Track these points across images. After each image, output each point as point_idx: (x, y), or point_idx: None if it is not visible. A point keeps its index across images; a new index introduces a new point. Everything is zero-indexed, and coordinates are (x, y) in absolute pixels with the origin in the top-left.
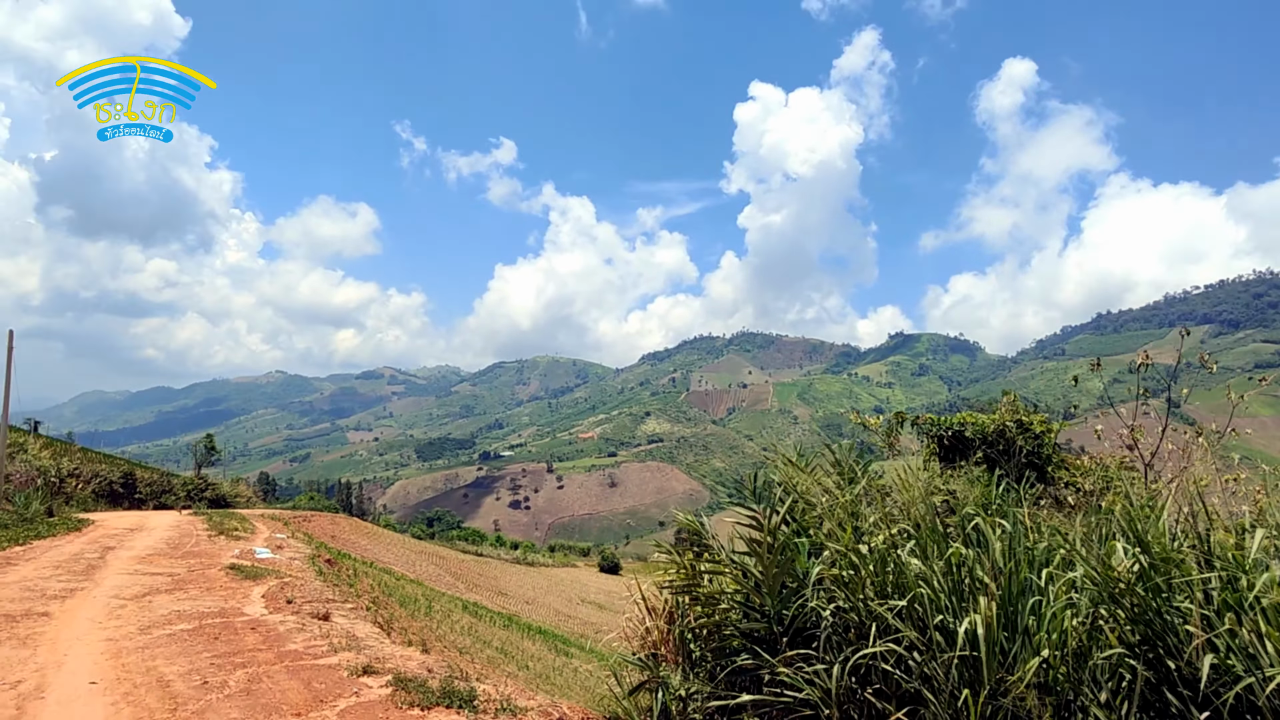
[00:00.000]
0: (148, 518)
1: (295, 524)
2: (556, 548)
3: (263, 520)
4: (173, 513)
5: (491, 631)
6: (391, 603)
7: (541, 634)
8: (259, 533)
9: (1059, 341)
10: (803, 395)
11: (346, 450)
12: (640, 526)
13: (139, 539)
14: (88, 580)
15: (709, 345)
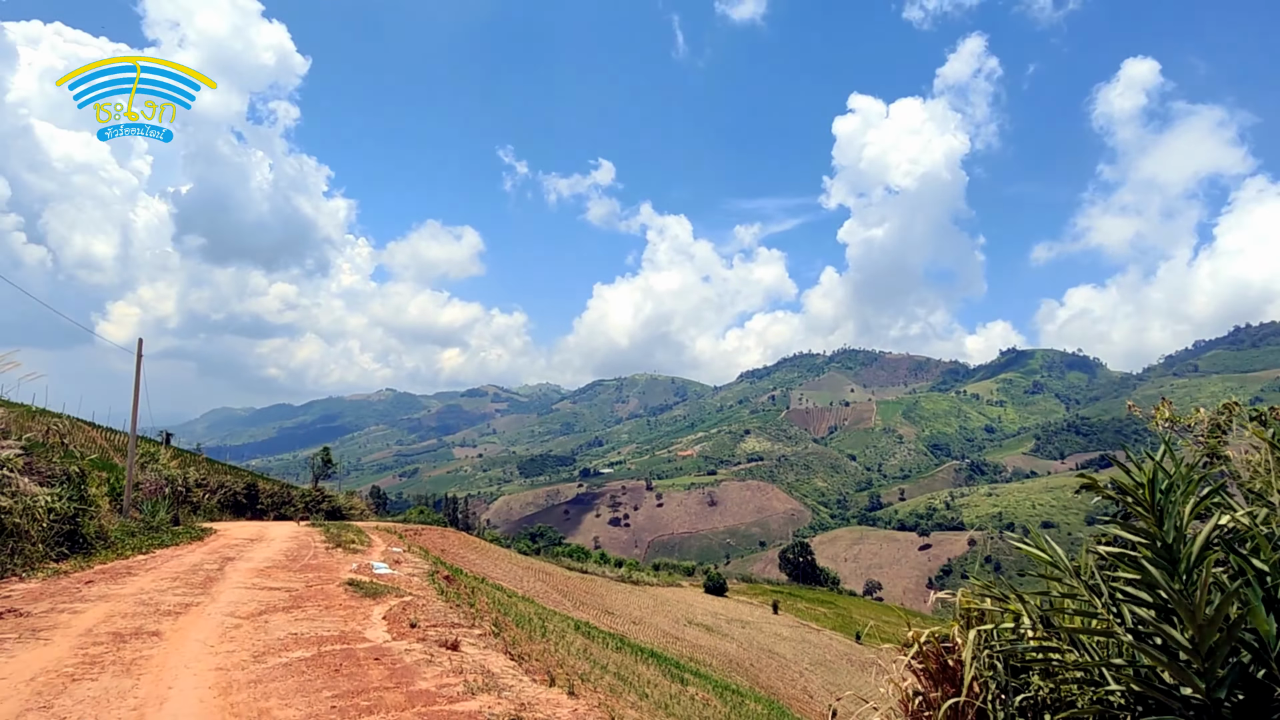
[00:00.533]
0: (267, 528)
1: (408, 538)
2: (661, 566)
3: (378, 533)
4: (291, 524)
5: (605, 654)
6: (508, 622)
7: (655, 658)
8: (375, 546)
9: (1190, 357)
10: (908, 414)
11: (452, 466)
12: (740, 546)
13: (258, 550)
14: (204, 594)
15: (809, 363)
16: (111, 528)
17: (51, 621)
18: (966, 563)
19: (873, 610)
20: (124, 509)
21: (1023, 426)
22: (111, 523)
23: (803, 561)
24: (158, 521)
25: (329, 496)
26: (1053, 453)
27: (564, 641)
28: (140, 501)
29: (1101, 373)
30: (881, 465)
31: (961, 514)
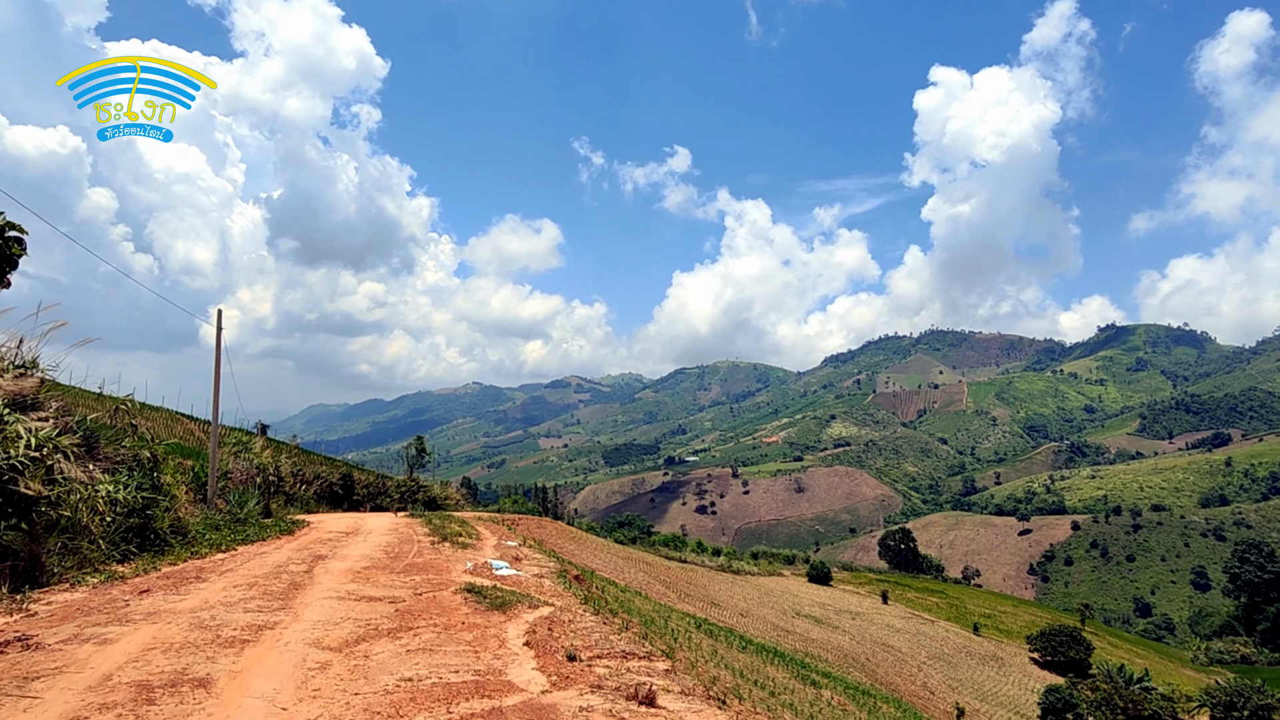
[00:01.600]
0: (364, 520)
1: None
2: (760, 554)
3: (482, 524)
4: (388, 515)
5: (733, 655)
6: (666, 638)
7: (779, 657)
8: (484, 539)
9: None
10: (1001, 395)
11: (539, 456)
12: (830, 533)
13: (354, 545)
14: (284, 609)
15: (895, 345)
16: (192, 521)
17: (62, 661)
18: (1070, 548)
19: (986, 600)
20: (208, 499)
21: (1126, 406)
22: (193, 515)
23: (905, 549)
24: (245, 513)
25: (424, 487)
26: (1160, 432)
27: (690, 642)
28: (228, 491)
29: (1211, 347)
30: (974, 448)
31: (1063, 497)
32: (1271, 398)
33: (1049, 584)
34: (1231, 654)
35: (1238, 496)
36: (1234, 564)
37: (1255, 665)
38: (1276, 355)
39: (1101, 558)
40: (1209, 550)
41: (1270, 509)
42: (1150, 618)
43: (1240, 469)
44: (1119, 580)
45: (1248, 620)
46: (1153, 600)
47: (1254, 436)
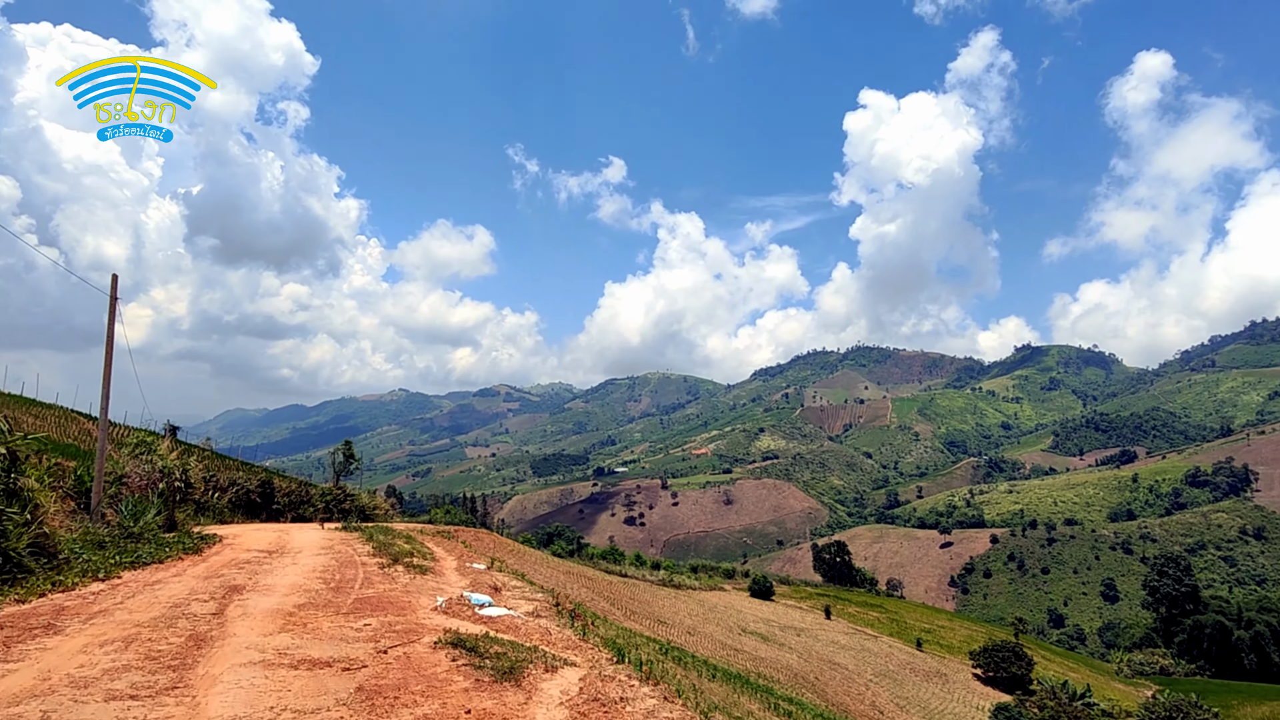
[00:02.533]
0: (289, 534)
1: (447, 537)
2: (699, 568)
3: (430, 539)
4: (314, 527)
5: (706, 685)
6: None
7: (748, 686)
8: (441, 560)
9: (1207, 352)
10: (924, 411)
11: (465, 465)
12: (757, 545)
13: (281, 570)
14: (175, 692)
15: (822, 360)
16: (66, 538)
17: None
18: (989, 561)
19: (924, 614)
20: (93, 509)
21: (1040, 423)
22: (68, 530)
23: (840, 562)
24: (141, 526)
25: (351, 495)
26: (1072, 449)
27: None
28: (121, 500)
29: (1118, 369)
30: (898, 463)
31: (983, 511)
32: (1172, 417)
33: (968, 596)
34: (1151, 665)
35: (1144, 511)
36: (1153, 577)
37: (1173, 676)
38: (1176, 378)
39: (1018, 570)
40: (1117, 563)
41: (1173, 523)
42: (1063, 628)
43: (1145, 485)
44: (1034, 592)
45: (1165, 632)
46: (1065, 611)
47: (1158, 454)
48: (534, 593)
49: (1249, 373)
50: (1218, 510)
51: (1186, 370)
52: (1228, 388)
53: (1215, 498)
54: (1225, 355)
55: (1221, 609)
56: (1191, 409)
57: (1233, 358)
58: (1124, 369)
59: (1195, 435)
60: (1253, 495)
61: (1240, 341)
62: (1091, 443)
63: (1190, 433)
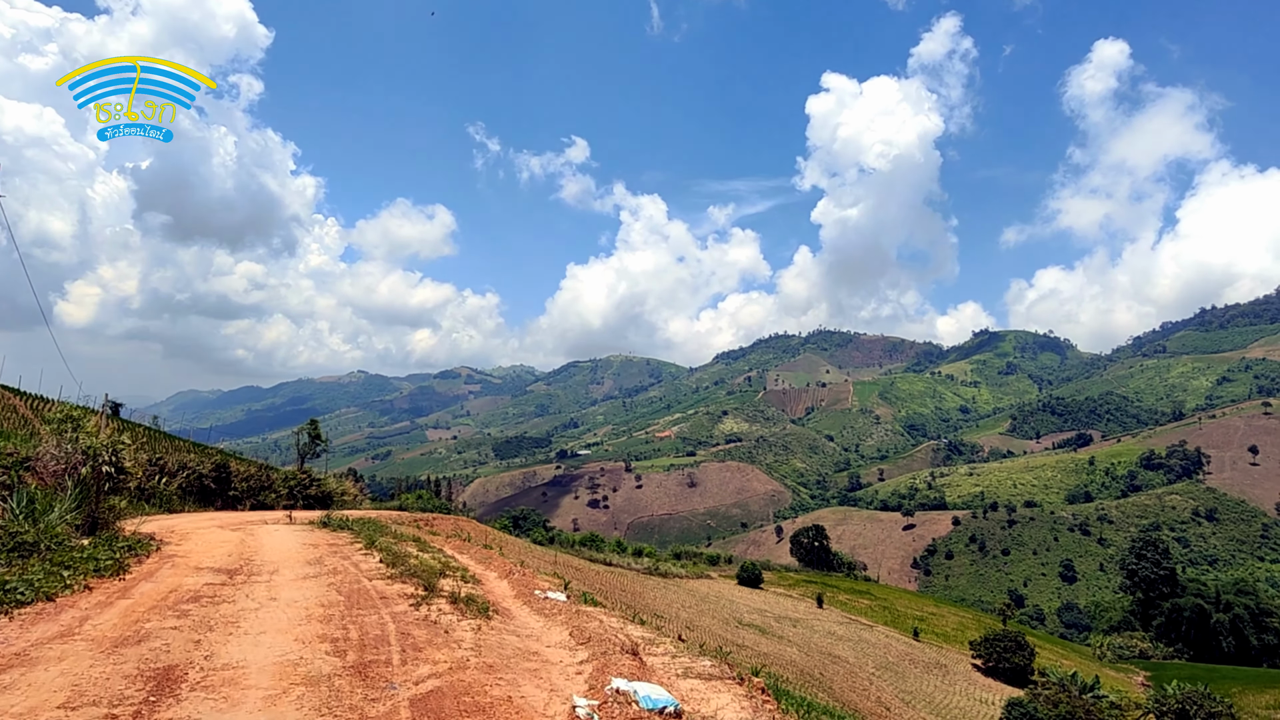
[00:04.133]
0: (254, 534)
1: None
2: (683, 554)
3: (444, 540)
4: (281, 519)
5: None
6: None
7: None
8: (487, 582)
9: (1159, 338)
10: (884, 394)
11: (426, 448)
12: (721, 528)
13: (252, 620)
14: None
15: (784, 344)
16: None
17: None
18: (951, 543)
19: (913, 601)
20: None
21: (997, 407)
22: None
23: (818, 546)
24: (42, 530)
25: (317, 479)
26: (1029, 432)
27: None
28: (15, 492)
29: (1072, 354)
30: (859, 446)
31: (944, 493)
32: (1125, 401)
33: (931, 577)
34: (1130, 649)
35: (1100, 493)
36: (1131, 560)
37: (1152, 660)
38: (1128, 363)
39: (979, 551)
40: (1076, 544)
41: (1129, 505)
42: (1024, 609)
43: (1102, 468)
44: (995, 573)
45: (1144, 615)
46: (1026, 592)
47: (1112, 437)
48: (690, 656)
49: (1198, 358)
50: (1171, 492)
51: (1139, 356)
52: (1178, 373)
53: (1169, 480)
54: (1176, 341)
55: (1200, 592)
56: (1144, 393)
57: (1183, 344)
58: (1078, 354)
59: (1148, 419)
60: (1204, 478)
61: (1190, 328)
62: (1048, 426)
63: (1143, 416)
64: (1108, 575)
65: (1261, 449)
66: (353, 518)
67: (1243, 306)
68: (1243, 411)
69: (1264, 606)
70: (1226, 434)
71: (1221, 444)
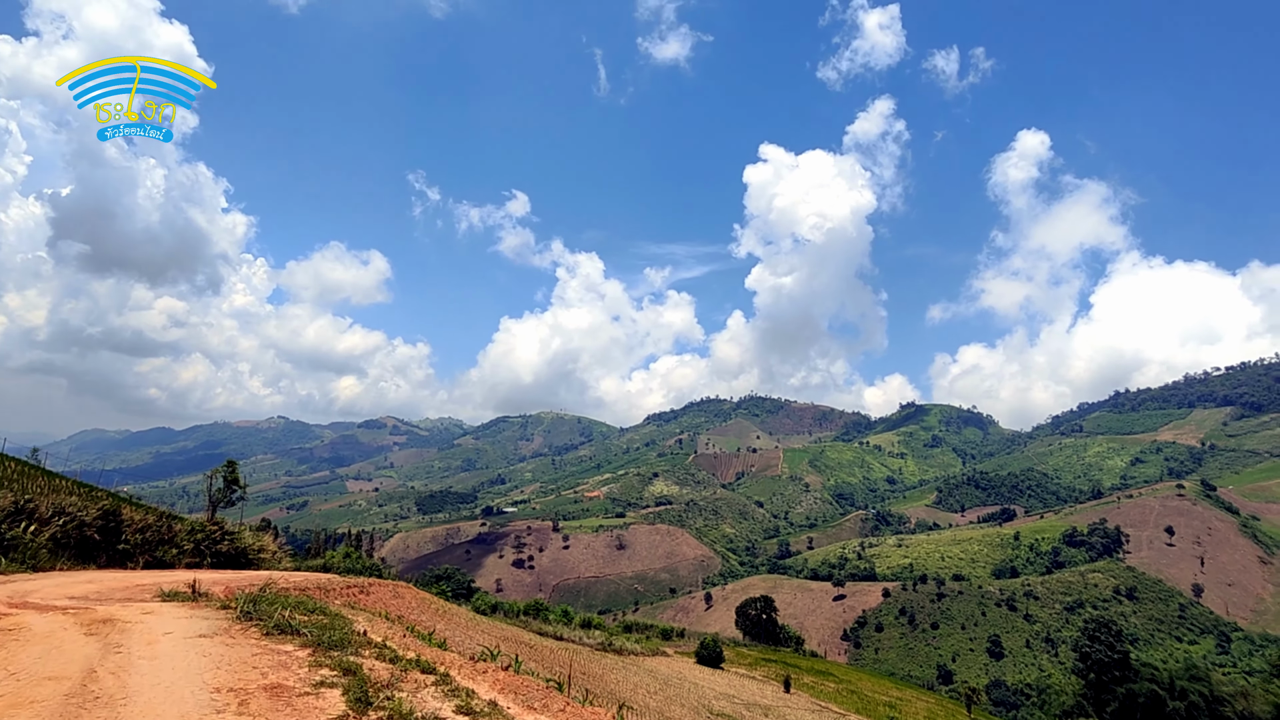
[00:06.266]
0: (125, 628)
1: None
2: (633, 627)
3: (378, 623)
4: (179, 582)
5: None
6: None
7: None
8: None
9: (1076, 418)
10: (814, 462)
11: (345, 499)
12: (649, 592)
13: None
14: None
15: (716, 408)
16: None
17: None
18: (881, 615)
19: (876, 683)
20: None
21: (923, 479)
22: None
23: (765, 619)
24: None
25: (230, 533)
26: (954, 505)
27: None
28: None
29: (994, 430)
30: (788, 513)
31: (874, 564)
32: (1045, 478)
33: (860, 650)
34: None
35: (1025, 569)
36: (1084, 642)
37: None
38: (1048, 440)
39: (909, 625)
40: (1003, 619)
41: (1054, 581)
42: (951, 685)
43: (1026, 543)
44: (924, 647)
45: (1096, 700)
46: (954, 667)
47: (1035, 513)
48: None
49: (1113, 439)
50: (1094, 570)
51: (1057, 434)
52: (1094, 452)
53: (1091, 557)
54: (1091, 421)
55: (1153, 677)
56: (1062, 471)
57: (1098, 424)
58: (999, 430)
59: (1067, 496)
60: (1124, 556)
61: (1104, 409)
62: (972, 500)
63: (1062, 493)
64: (1033, 652)
65: (1176, 529)
66: (277, 597)
67: (1153, 391)
68: (1158, 492)
69: (1217, 694)
70: (1143, 513)
71: (1139, 523)
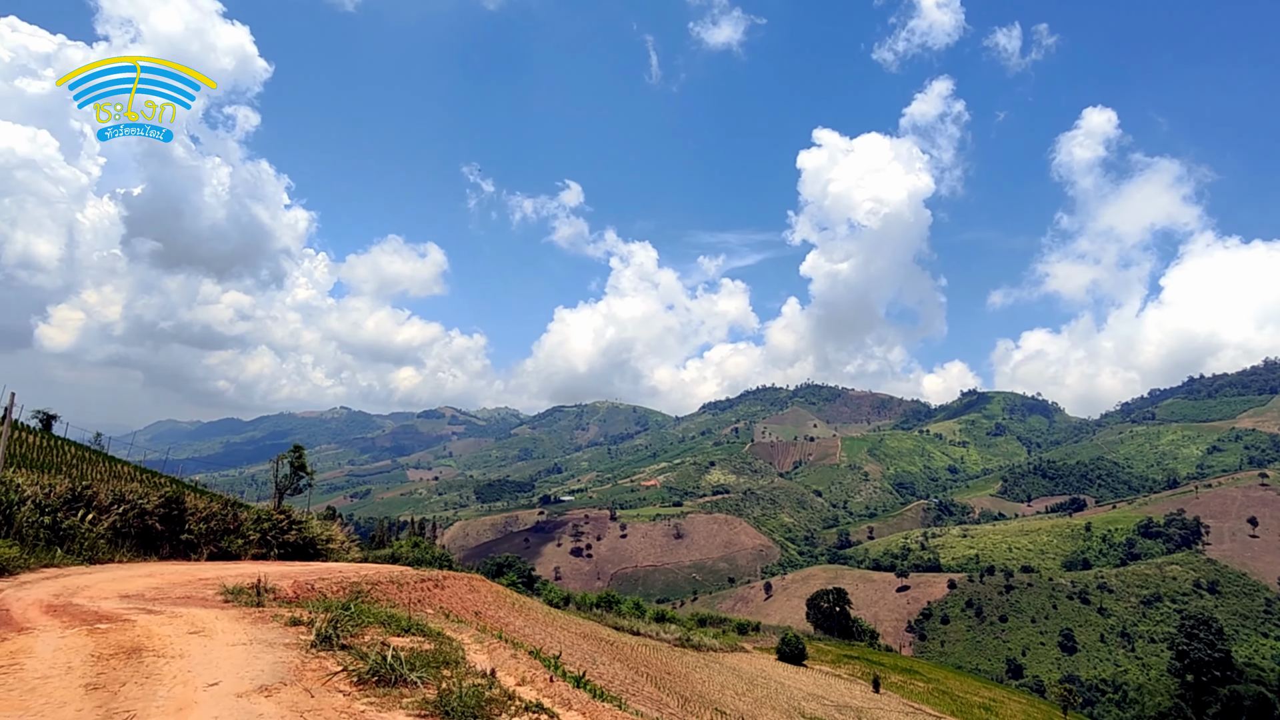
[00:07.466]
0: (151, 671)
1: (425, 591)
2: (706, 620)
3: (459, 631)
4: (243, 576)
5: None
6: None
7: None
8: None
9: (1147, 405)
10: (873, 451)
11: (406, 488)
12: (707, 581)
13: None
14: None
15: (772, 396)
16: None
17: None
18: (947, 606)
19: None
20: None
21: (986, 468)
22: None
23: (838, 611)
24: None
25: (298, 522)
26: (1020, 495)
27: None
28: None
29: (1060, 417)
30: (847, 502)
31: (938, 555)
32: (1116, 467)
33: (926, 642)
34: None
35: (1098, 561)
36: (1181, 639)
37: None
38: (1118, 429)
39: (976, 617)
40: (1075, 613)
41: (1129, 574)
42: (1022, 679)
43: (1099, 534)
44: (992, 640)
45: (1196, 702)
46: (1024, 661)
47: (1107, 504)
48: None
49: (1188, 426)
50: (1172, 562)
51: (1127, 422)
52: (1168, 440)
53: (1168, 549)
54: (1164, 409)
55: (1259, 678)
56: (1134, 460)
57: (1171, 411)
58: (1066, 418)
59: (1139, 486)
60: (1204, 548)
61: (1178, 396)
62: (1039, 489)
63: (1134, 483)
64: (1108, 647)
65: (1261, 521)
66: (390, 639)
67: (1231, 376)
68: (1239, 482)
69: None
70: (1224, 504)
71: (1219, 514)
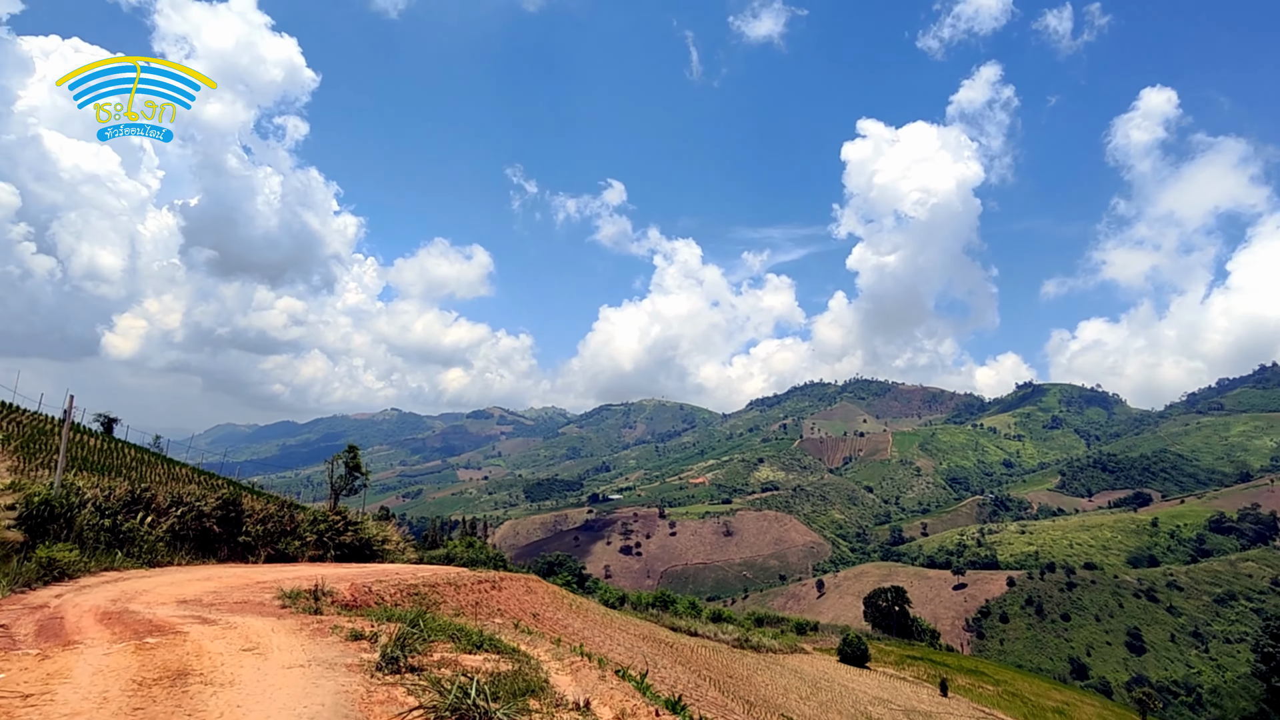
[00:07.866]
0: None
1: (482, 593)
2: (763, 620)
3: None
4: (301, 579)
5: None
6: None
7: None
8: None
9: (1214, 395)
10: (925, 446)
11: (457, 488)
12: (758, 579)
13: None
14: None
15: (820, 392)
16: None
17: None
18: (1006, 604)
19: (1032, 683)
20: None
21: (1043, 462)
22: None
23: (897, 610)
24: None
25: (354, 523)
26: (1079, 490)
27: None
28: None
29: (1120, 409)
30: (899, 498)
31: (995, 552)
32: (1182, 460)
33: (985, 640)
34: None
35: (1166, 557)
36: (1266, 641)
37: None
38: (1183, 420)
39: (1036, 615)
40: (1142, 611)
41: (1200, 571)
42: (1087, 679)
43: (1166, 530)
44: (1054, 639)
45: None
46: (1088, 661)
47: (1174, 498)
48: None
49: (1258, 417)
50: (1246, 559)
51: (1193, 413)
52: (1239, 431)
53: (1242, 546)
54: (1233, 399)
55: None
56: (1201, 452)
57: (1240, 401)
58: (1126, 409)
59: (1208, 479)
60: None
61: (1248, 385)
62: (1100, 483)
63: (1202, 476)
64: (1179, 647)
65: None
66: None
67: None
68: None
69: None
70: None
71: None
